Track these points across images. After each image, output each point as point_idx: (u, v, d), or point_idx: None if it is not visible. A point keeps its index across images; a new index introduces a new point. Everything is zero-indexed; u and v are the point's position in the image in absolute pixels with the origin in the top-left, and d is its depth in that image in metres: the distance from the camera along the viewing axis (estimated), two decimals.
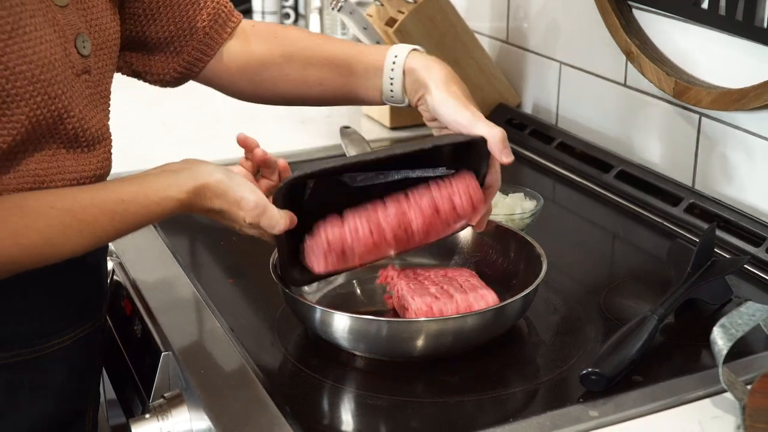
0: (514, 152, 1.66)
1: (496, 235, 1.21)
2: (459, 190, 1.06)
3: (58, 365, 1.08)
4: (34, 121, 0.94)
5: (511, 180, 1.49)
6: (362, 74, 1.17)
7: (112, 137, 1.08)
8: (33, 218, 0.93)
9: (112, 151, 1.07)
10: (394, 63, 1.14)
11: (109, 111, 1.09)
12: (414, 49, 1.15)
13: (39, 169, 0.98)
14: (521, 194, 1.39)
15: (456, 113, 1.09)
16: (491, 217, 1.25)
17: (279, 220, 1.04)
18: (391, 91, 1.15)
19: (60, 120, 0.98)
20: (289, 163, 1.14)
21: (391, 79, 1.15)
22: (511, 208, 1.35)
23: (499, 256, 1.21)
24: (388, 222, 1.05)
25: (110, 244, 1.38)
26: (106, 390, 1.40)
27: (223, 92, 1.25)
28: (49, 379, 1.08)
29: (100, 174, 1.05)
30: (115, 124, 1.10)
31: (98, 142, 1.04)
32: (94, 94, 1.04)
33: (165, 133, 1.84)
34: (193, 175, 1.01)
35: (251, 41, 1.21)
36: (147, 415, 1.05)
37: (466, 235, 1.23)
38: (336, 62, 1.19)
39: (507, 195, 1.39)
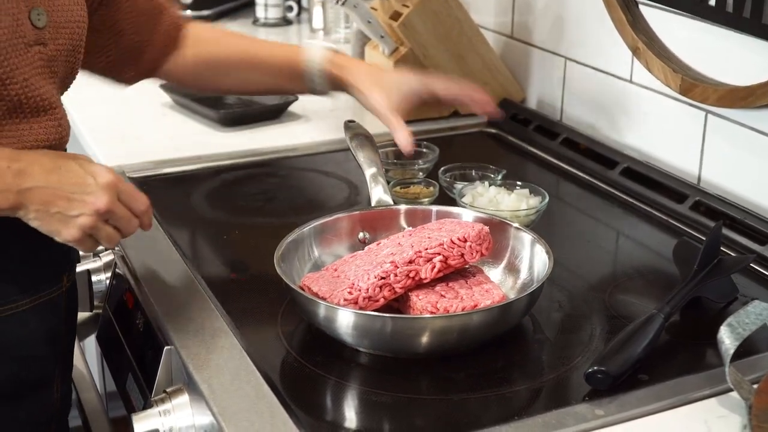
0: (518, 148, 1.67)
1: (502, 231, 1.21)
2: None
3: (17, 330, 1.10)
4: None
5: (516, 176, 1.49)
6: (292, 76, 1.40)
7: (64, 109, 1.10)
8: None
9: (64, 122, 1.09)
10: (312, 68, 1.40)
11: (66, 85, 1.14)
12: (329, 49, 1.40)
13: None
14: (526, 190, 1.39)
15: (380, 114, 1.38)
16: (496, 213, 1.25)
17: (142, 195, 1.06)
18: (315, 89, 1.42)
19: (2, 85, 1.01)
20: (292, 158, 1.15)
21: (313, 81, 1.41)
22: (516, 204, 1.35)
23: (505, 253, 1.21)
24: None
25: None
26: (107, 382, 1.40)
27: (175, 83, 1.51)
28: (5, 342, 1.09)
29: (49, 143, 1.07)
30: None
31: (44, 110, 1.06)
32: (45, 68, 1.06)
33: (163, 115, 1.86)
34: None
35: (197, 45, 1.40)
36: (149, 410, 1.05)
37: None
38: (270, 66, 1.42)
39: (512, 191, 1.39)
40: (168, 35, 1.37)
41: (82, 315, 1.33)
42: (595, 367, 1.00)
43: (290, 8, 2.61)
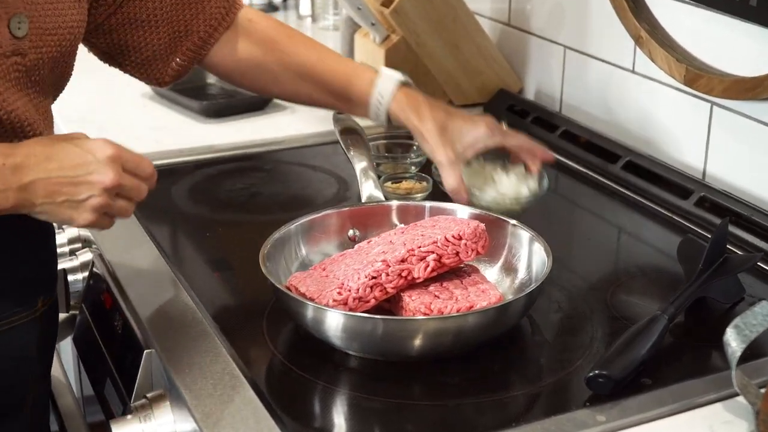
0: None
1: (499, 228, 1.20)
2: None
3: None
4: None
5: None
6: (351, 101, 1.33)
7: (45, 128, 1.07)
8: None
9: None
10: (380, 102, 1.30)
11: (46, 100, 1.09)
12: (402, 83, 1.31)
13: None
14: (522, 168, 1.36)
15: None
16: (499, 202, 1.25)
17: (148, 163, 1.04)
18: (377, 119, 1.33)
19: None
20: (278, 151, 1.15)
21: (378, 115, 1.32)
22: (516, 187, 1.33)
23: (502, 251, 1.20)
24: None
25: (88, 233, 1.37)
26: (84, 386, 1.39)
27: (220, 78, 1.38)
28: None
29: None
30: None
31: (20, 127, 1.03)
32: (23, 78, 1.04)
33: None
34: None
35: (250, 40, 1.31)
36: (128, 416, 1.05)
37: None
38: (327, 85, 1.33)
39: (509, 172, 1.36)
40: (213, 19, 1.26)
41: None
42: (597, 371, 1.00)
43: None
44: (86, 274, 1.35)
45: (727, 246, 1.23)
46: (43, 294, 1.15)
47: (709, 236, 1.22)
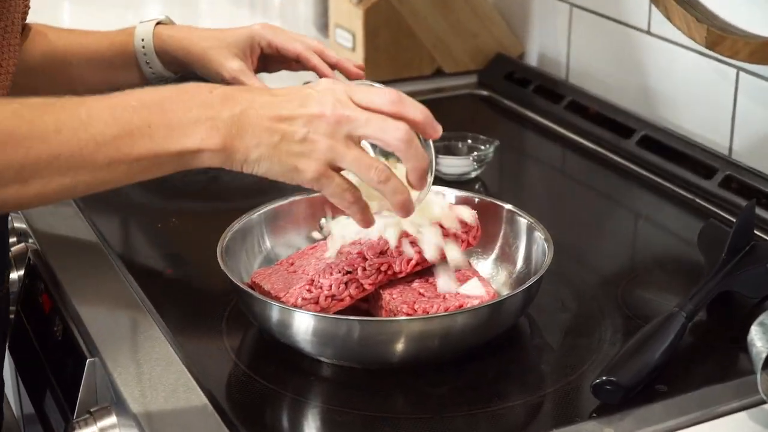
0: (515, 113, 1.67)
1: (493, 214, 1.21)
2: None
3: None
4: None
5: (511, 147, 1.49)
6: (120, 64, 1.35)
7: None
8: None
9: None
10: (143, 48, 1.33)
11: None
12: (158, 23, 1.34)
13: None
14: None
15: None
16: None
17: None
18: (153, 73, 1.35)
19: None
20: None
21: (148, 63, 1.34)
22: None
23: (496, 241, 1.21)
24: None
25: (23, 224, 1.37)
26: (23, 403, 1.40)
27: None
28: None
29: None
30: None
31: None
32: None
33: None
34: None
35: (40, 40, 1.36)
36: None
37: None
38: (90, 57, 1.36)
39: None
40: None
41: None
42: (604, 377, 1.00)
43: None
44: (21, 272, 1.35)
45: (755, 232, 1.24)
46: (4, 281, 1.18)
47: (735, 221, 1.23)
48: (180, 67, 1.35)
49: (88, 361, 1.10)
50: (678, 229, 1.43)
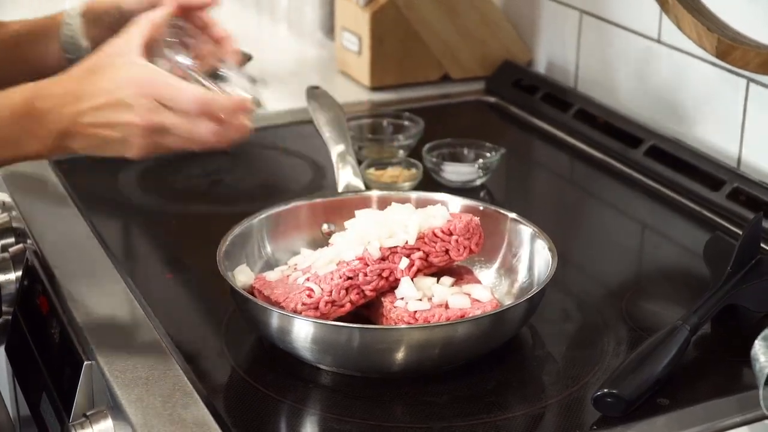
0: (522, 121, 1.66)
1: (496, 222, 1.21)
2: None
3: None
4: None
5: (518, 155, 1.49)
6: (40, 33, 1.30)
7: None
8: None
9: None
10: (70, 25, 1.27)
11: None
12: None
13: None
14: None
15: None
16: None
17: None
18: (71, 38, 1.28)
19: None
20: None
21: (72, 35, 1.28)
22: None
23: (500, 250, 1.22)
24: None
25: (21, 224, 1.38)
26: (20, 405, 1.40)
27: None
28: None
29: None
30: None
31: None
32: None
33: None
34: None
35: None
36: None
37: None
38: (13, 30, 1.31)
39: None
40: None
41: None
42: (605, 390, 1.01)
43: None
44: (19, 273, 1.36)
45: (762, 245, 1.24)
46: None
47: (741, 233, 1.23)
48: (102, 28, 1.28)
49: (85, 364, 1.10)
50: (684, 241, 1.43)
